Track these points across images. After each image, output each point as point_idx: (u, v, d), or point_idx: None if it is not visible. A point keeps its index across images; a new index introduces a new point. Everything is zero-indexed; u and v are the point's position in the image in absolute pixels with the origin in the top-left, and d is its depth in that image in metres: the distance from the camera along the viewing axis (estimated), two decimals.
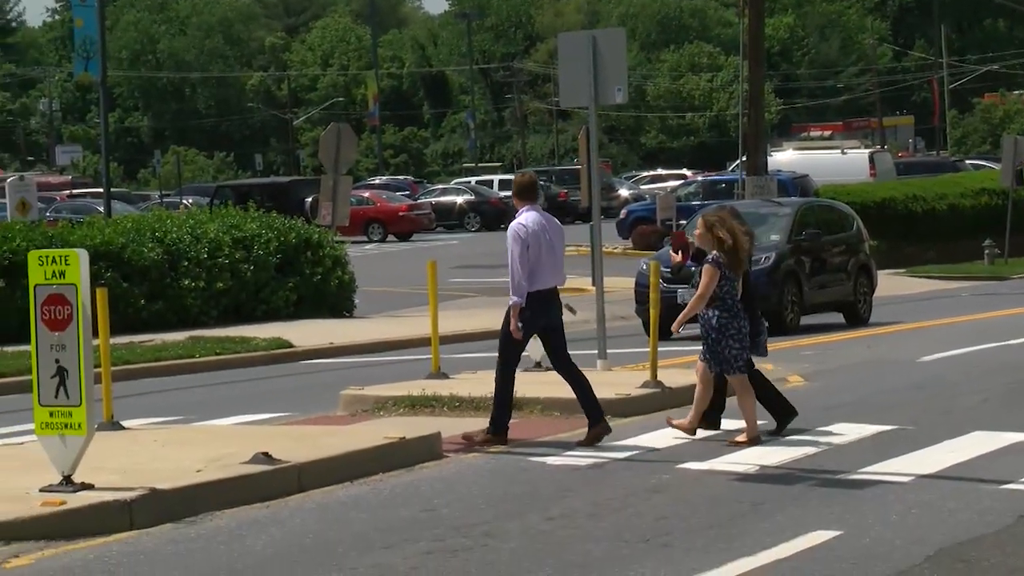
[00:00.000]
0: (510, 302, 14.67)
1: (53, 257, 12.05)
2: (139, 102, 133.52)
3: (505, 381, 14.93)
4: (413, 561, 10.36)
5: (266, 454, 13.05)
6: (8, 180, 43.22)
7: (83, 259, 12.00)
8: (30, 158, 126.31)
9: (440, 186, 77.23)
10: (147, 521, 11.62)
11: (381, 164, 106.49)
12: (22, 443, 15.11)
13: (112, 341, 16.68)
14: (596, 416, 14.78)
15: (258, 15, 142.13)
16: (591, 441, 14.71)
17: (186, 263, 29.06)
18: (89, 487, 11.97)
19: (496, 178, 75.82)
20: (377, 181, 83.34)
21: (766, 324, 15.87)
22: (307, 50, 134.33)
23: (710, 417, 15.09)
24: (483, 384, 17.70)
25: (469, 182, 73.67)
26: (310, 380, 22.34)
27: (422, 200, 68.42)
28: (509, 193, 68.72)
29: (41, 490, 11.98)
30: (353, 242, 51.97)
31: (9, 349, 24.01)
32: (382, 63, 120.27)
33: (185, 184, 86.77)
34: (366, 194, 65.56)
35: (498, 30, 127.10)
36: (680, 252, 15.58)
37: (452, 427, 15.65)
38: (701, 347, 14.89)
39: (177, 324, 28.29)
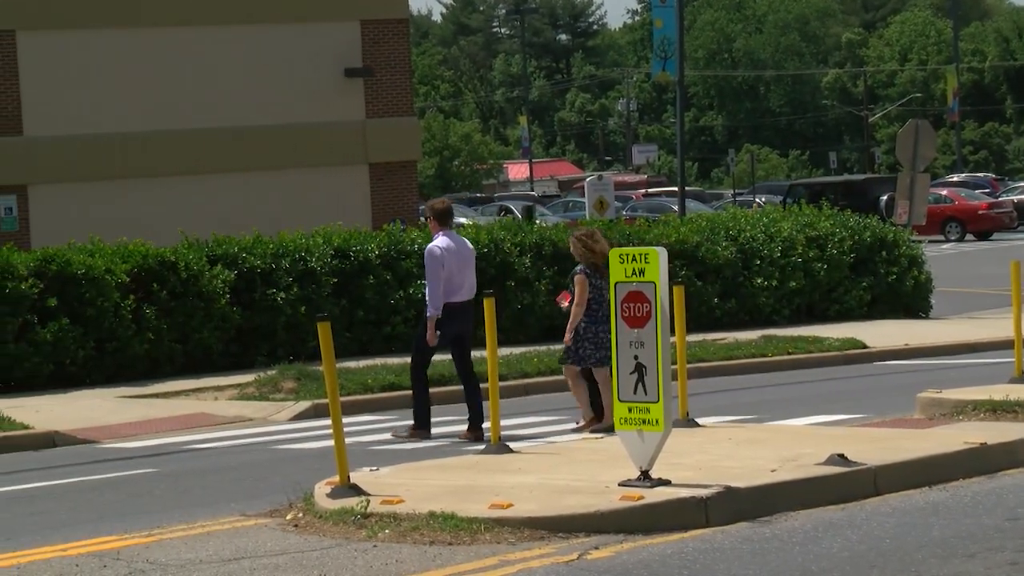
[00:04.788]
0: (427, 313, 16.78)
1: (633, 255, 12.24)
2: (714, 101, 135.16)
3: (416, 381, 17.16)
4: (996, 572, 9.98)
5: (842, 456, 12.89)
6: (587, 179, 44.58)
7: (662, 257, 12.14)
8: (607, 158, 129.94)
9: (1023, 183, 74.76)
10: (722, 519, 11.65)
11: (959, 161, 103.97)
12: (600, 438, 15.46)
13: (687, 339, 16.84)
14: (475, 422, 16.78)
15: (836, 11, 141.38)
16: (466, 436, 16.73)
17: (759, 262, 29.13)
18: (665, 483, 12.10)
19: None
20: (955, 178, 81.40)
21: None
22: (884, 45, 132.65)
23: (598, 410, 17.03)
24: None
25: None
26: (884, 382, 21.97)
27: (1003, 198, 66.36)
28: None
29: (620, 484, 12.20)
30: (930, 241, 50.94)
31: None
32: (963, 57, 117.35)
33: (758, 182, 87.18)
34: (944, 192, 64.14)
35: None
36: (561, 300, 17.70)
37: None
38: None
39: (749, 323, 28.42)
